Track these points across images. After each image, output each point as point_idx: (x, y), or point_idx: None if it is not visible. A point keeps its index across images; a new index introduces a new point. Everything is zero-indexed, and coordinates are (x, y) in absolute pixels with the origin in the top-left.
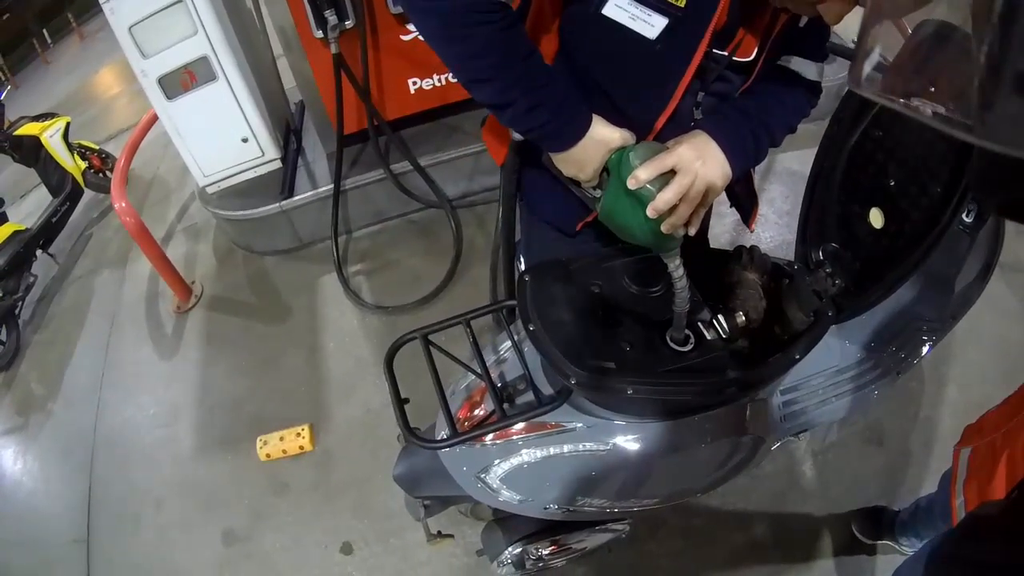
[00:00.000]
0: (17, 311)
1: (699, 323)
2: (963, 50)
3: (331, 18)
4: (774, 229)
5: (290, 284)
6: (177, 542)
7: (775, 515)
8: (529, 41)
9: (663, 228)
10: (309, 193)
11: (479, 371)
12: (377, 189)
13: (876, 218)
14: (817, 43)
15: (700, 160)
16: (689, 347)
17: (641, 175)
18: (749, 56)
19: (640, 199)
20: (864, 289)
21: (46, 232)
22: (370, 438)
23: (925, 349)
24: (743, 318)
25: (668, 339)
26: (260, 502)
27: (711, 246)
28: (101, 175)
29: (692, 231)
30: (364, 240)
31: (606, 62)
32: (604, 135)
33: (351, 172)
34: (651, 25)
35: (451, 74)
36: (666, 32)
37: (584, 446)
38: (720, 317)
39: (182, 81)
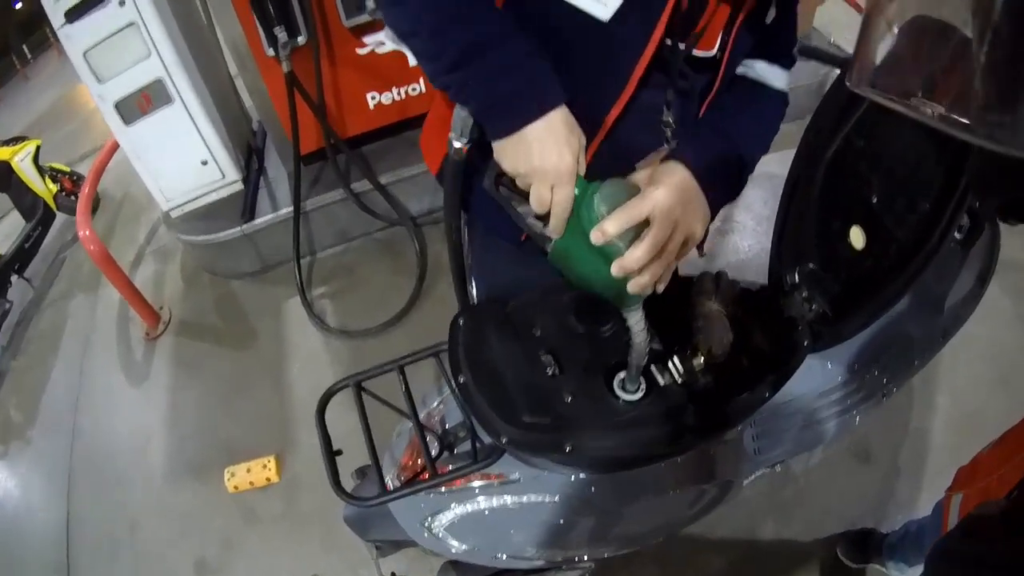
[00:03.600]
0: None
1: (652, 367)
2: (963, 50)
3: (281, 35)
4: (753, 237)
5: (256, 308)
6: (153, 570)
7: (755, 540)
8: (486, 2)
9: (629, 288)
10: (271, 215)
11: (412, 421)
12: (340, 209)
13: (857, 238)
14: (785, 46)
15: (680, 207)
16: (640, 395)
17: (609, 228)
18: (711, 50)
19: (604, 254)
20: (844, 315)
21: (20, 257)
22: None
23: (913, 370)
24: (701, 361)
25: (616, 387)
26: (231, 531)
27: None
28: (73, 198)
29: (661, 288)
30: (328, 261)
31: (554, 45)
32: (573, 125)
33: (312, 192)
34: (604, 4)
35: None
36: (620, 14)
37: (528, 498)
38: (676, 360)
39: (139, 105)
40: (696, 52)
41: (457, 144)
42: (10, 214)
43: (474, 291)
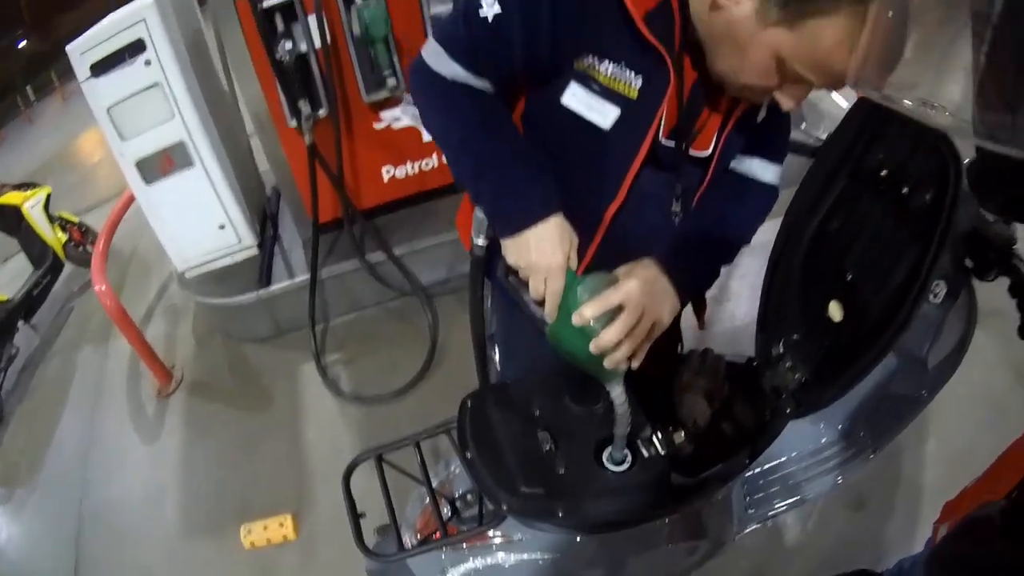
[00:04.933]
0: (0, 381)
1: (637, 440)
2: (963, 50)
3: (305, 108)
4: (748, 304)
5: (269, 371)
6: None
7: None
8: (504, 122)
9: (605, 363)
10: (287, 282)
11: (425, 488)
12: (353, 278)
13: (835, 311)
14: (776, 142)
15: (648, 296)
16: (626, 465)
17: (586, 312)
18: (706, 150)
19: (586, 335)
20: (824, 384)
21: (28, 304)
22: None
23: (900, 428)
24: (682, 435)
25: (605, 458)
26: None
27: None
28: (81, 249)
29: (635, 364)
30: (341, 329)
31: (562, 149)
32: (565, 229)
33: (327, 261)
34: (604, 115)
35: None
36: (618, 122)
37: (529, 555)
38: (658, 434)
39: (160, 166)
40: (693, 152)
41: (479, 242)
42: (15, 257)
43: (496, 356)
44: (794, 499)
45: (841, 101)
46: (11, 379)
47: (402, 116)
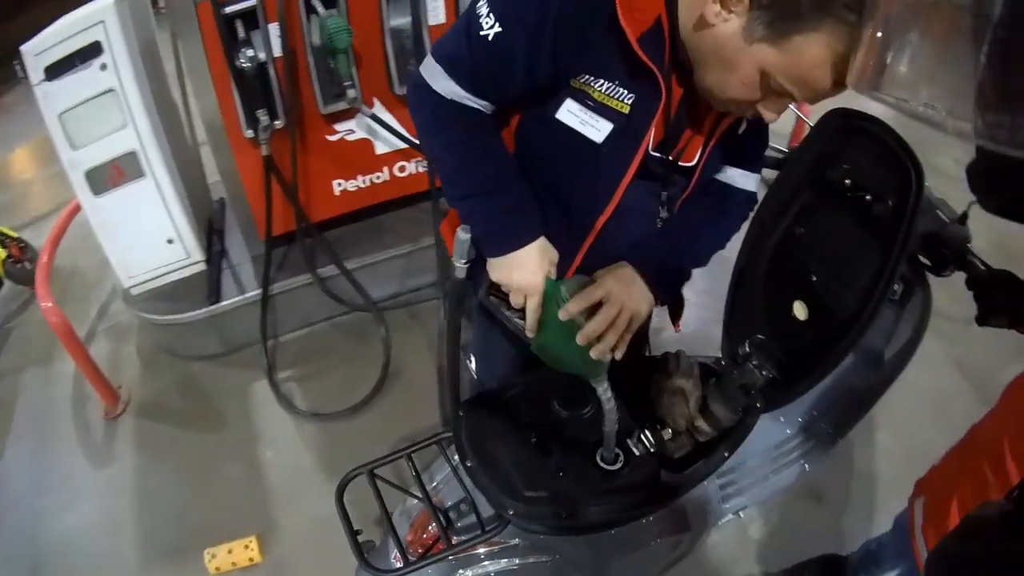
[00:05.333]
0: None
1: (628, 440)
2: (964, 53)
3: (263, 118)
4: (696, 310)
5: (221, 390)
6: None
7: None
8: (497, 147)
9: (592, 354)
10: (237, 298)
11: (424, 501)
12: (304, 293)
13: (800, 311)
14: (755, 153)
15: (626, 293)
16: (619, 465)
17: (572, 308)
18: (692, 161)
19: (571, 327)
20: (792, 379)
21: None
22: (320, 547)
23: (858, 418)
24: (669, 432)
25: (599, 459)
26: None
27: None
28: (20, 266)
29: (619, 355)
30: (292, 345)
31: (557, 162)
32: (546, 249)
33: (278, 275)
34: (598, 130)
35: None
36: (611, 136)
37: (529, 559)
38: (646, 432)
39: (110, 177)
40: (680, 163)
41: (460, 263)
42: None
43: (472, 364)
44: (765, 490)
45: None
46: None
47: (356, 128)
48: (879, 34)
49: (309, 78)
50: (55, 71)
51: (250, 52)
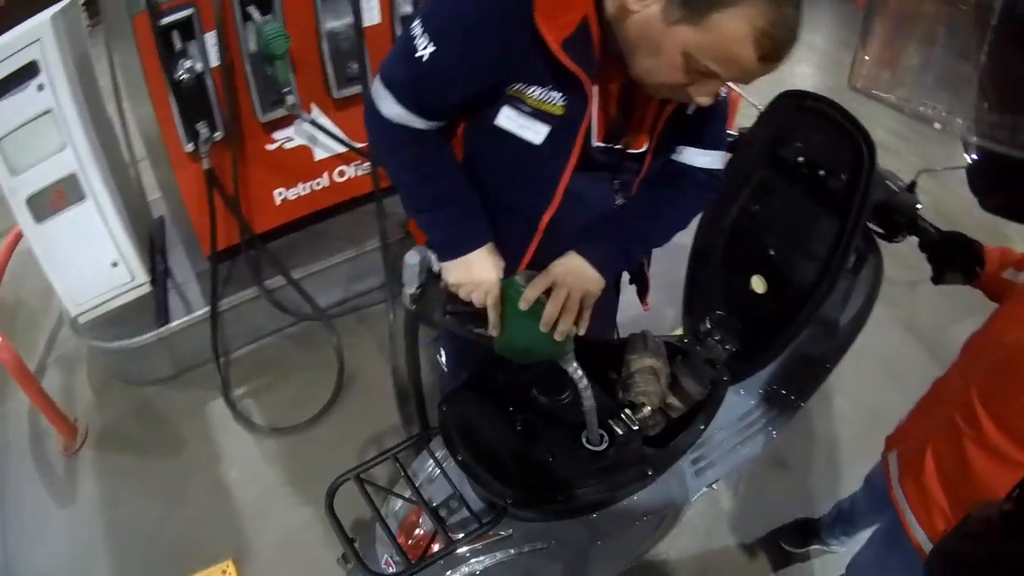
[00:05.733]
0: None
1: (609, 421)
2: (963, 54)
3: (203, 130)
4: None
5: (177, 413)
6: None
7: (704, 553)
8: (446, 162)
9: (556, 335)
10: (185, 318)
11: (418, 500)
12: (252, 307)
13: (758, 284)
14: (711, 131)
15: (573, 276)
16: (605, 445)
17: (529, 294)
18: (642, 148)
19: (532, 315)
20: (754, 350)
21: None
22: (296, 561)
23: (817, 383)
24: (648, 409)
25: (585, 442)
26: None
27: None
28: None
29: (582, 330)
30: (245, 359)
31: (501, 166)
32: (495, 252)
33: (224, 291)
34: (536, 132)
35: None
36: (549, 138)
37: (524, 548)
38: (627, 411)
39: (51, 201)
40: (631, 151)
41: (410, 291)
42: None
43: (443, 359)
44: (735, 460)
45: None
46: None
47: (295, 135)
48: (879, 35)
49: (247, 86)
50: None
51: (187, 63)
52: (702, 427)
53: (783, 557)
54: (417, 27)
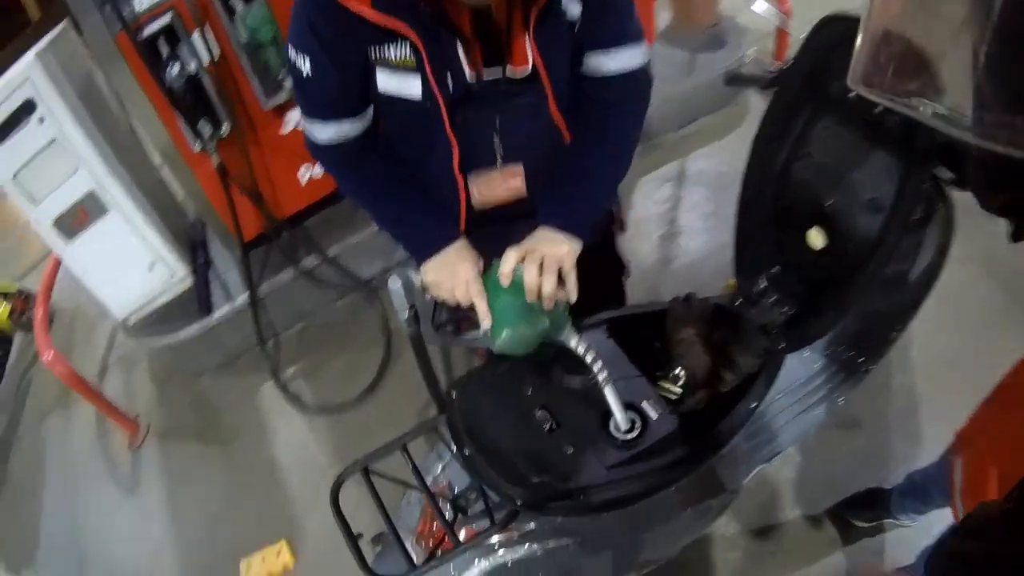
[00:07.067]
0: None
1: (643, 403)
2: (963, 53)
3: (206, 129)
4: (702, 236)
5: (232, 401)
6: None
7: (767, 527)
8: (397, 176)
9: (544, 305)
10: (227, 308)
11: (425, 494)
12: (294, 287)
13: (817, 238)
14: (607, 28)
15: (543, 242)
16: (635, 432)
17: (505, 267)
18: (526, 65)
19: (516, 292)
20: (814, 314)
21: None
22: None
23: (889, 344)
24: (679, 389)
25: (612, 429)
26: None
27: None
28: (26, 316)
29: (572, 298)
30: (293, 340)
31: (406, 133)
32: (468, 247)
33: (265, 276)
34: (411, 87)
35: None
36: (423, 88)
37: (548, 543)
38: (666, 388)
39: (76, 220)
40: (512, 72)
41: (404, 314)
42: None
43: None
44: (794, 432)
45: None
46: None
47: None
48: (879, 34)
49: (244, 78)
50: None
51: (176, 68)
52: (754, 405)
53: (851, 531)
54: (289, 50)
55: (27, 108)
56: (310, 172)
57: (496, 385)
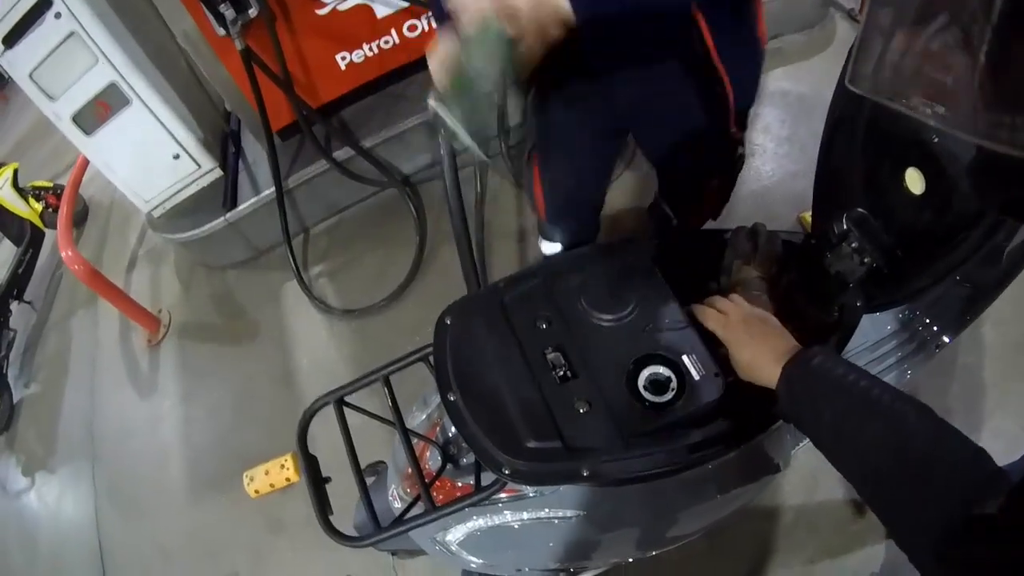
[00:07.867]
0: (3, 370)
1: (684, 357)
2: (964, 52)
3: (228, 12)
4: (774, 161)
5: (254, 298)
6: None
7: (806, 504)
8: None
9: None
10: (253, 200)
11: (402, 437)
12: (325, 180)
13: (915, 182)
14: None
15: None
16: (670, 395)
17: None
18: None
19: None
20: (901, 273)
21: (15, 284)
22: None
23: (968, 320)
24: None
25: (641, 387)
26: (259, 542)
27: None
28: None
29: (512, 31)
30: (322, 236)
31: None
32: None
33: (294, 168)
34: None
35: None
36: None
37: (548, 512)
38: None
39: (96, 114)
40: None
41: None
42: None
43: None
44: None
45: None
46: (15, 364)
47: None
48: (879, 33)
49: None
50: (12, 38)
51: None
52: None
53: None
54: None
55: (42, 5)
56: (349, 57)
57: (503, 314)
